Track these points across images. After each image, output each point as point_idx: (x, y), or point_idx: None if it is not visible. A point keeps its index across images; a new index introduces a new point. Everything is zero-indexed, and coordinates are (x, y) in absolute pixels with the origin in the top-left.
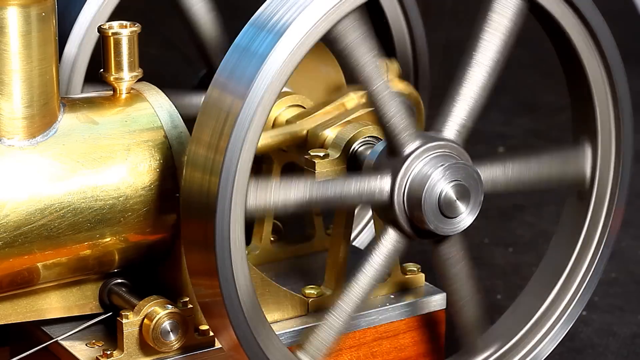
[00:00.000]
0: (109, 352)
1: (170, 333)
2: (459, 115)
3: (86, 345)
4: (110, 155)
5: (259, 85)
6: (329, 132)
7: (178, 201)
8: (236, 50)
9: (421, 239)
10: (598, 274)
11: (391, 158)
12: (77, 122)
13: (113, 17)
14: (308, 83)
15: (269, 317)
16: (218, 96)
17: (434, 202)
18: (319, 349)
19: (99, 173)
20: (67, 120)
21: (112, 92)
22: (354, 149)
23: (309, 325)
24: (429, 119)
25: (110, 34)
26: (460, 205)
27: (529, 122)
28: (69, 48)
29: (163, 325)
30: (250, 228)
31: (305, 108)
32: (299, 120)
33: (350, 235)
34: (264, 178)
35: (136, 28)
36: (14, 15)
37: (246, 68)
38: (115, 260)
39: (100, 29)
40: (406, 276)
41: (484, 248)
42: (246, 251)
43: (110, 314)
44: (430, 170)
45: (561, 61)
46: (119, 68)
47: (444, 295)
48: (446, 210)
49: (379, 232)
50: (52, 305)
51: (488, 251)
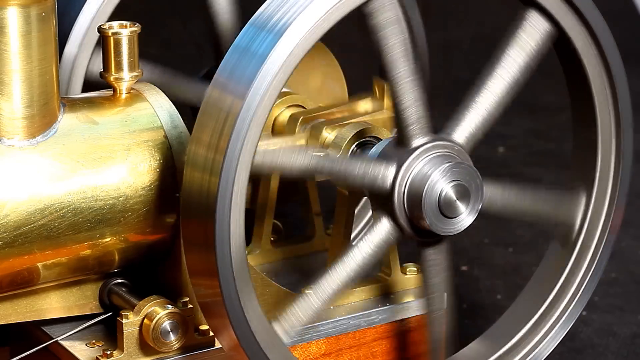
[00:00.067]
0: (109, 352)
1: (170, 333)
2: (471, 123)
3: (86, 345)
4: (110, 155)
5: (259, 85)
6: (329, 132)
7: (178, 201)
8: (236, 51)
9: (415, 236)
10: (598, 274)
11: (399, 148)
12: (77, 122)
13: (113, 17)
14: (308, 83)
15: (269, 317)
16: (218, 96)
17: (434, 200)
18: (293, 325)
19: (99, 173)
20: (67, 120)
21: (112, 92)
22: (354, 149)
23: (309, 325)
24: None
25: (110, 34)
26: (460, 206)
27: (529, 122)
28: (69, 48)
29: (163, 325)
30: (250, 228)
31: (305, 108)
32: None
33: (350, 235)
34: (274, 139)
35: (136, 28)
36: (14, 15)
37: (246, 68)
38: (115, 260)
39: (100, 29)
40: (406, 276)
41: (484, 248)
42: (246, 251)
43: (110, 314)
44: (421, 180)
45: (561, 61)
46: (119, 68)
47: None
48: (449, 211)
49: (372, 221)
50: (52, 305)
51: (488, 251)
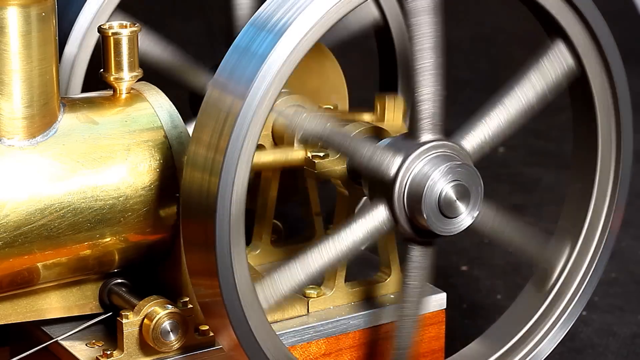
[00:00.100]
0: (109, 352)
1: (170, 333)
2: (481, 133)
3: (86, 345)
4: (110, 155)
5: (259, 85)
6: None
7: (178, 201)
8: (236, 50)
9: (408, 231)
10: (598, 274)
11: (408, 141)
12: (77, 122)
13: (113, 17)
14: (308, 83)
15: (269, 317)
16: (218, 96)
17: (434, 208)
18: (272, 294)
19: (99, 173)
20: (67, 120)
21: (112, 92)
22: None
23: (309, 325)
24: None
25: (110, 34)
26: (461, 205)
27: (529, 122)
28: (69, 48)
29: (163, 325)
30: (250, 228)
31: (304, 108)
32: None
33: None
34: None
35: (136, 28)
36: (14, 15)
37: (246, 68)
38: (115, 260)
39: (100, 29)
40: None
41: (484, 248)
42: (246, 251)
43: (110, 314)
44: (424, 176)
45: None
46: (119, 68)
47: (444, 295)
48: (448, 211)
49: (369, 207)
50: (52, 305)
51: (488, 251)
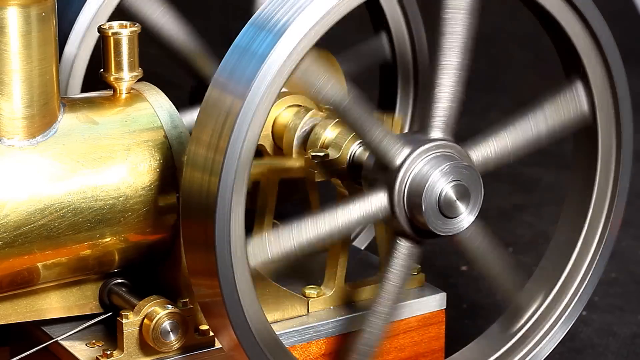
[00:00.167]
0: (109, 352)
1: (170, 333)
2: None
3: (86, 345)
4: (110, 155)
5: (259, 85)
6: (329, 132)
7: (178, 201)
8: (236, 50)
9: (401, 223)
10: (598, 274)
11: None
12: (77, 122)
13: (113, 17)
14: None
15: (269, 317)
16: (218, 96)
17: (434, 207)
18: (261, 253)
19: (99, 173)
20: (67, 120)
21: (112, 92)
22: (354, 149)
23: (309, 325)
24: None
25: (110, 34)
26: (461, 205)
27: None
28: (68, 48)
29: (163, 325)
30: (250, 228)
31: (305, 108)
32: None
33: (350, 235)
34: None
35: (136, 28)
36: (14, 15)
37: (246, 68)
38: (115, 260)
39: (100, 29)
40: None
41: None
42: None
43: (110, 314)
44: (425, 175)
45: (561, 61)
46: (119, 68)
47: (444, 295)
48: (447, 211)
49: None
50: (52, 305)
51: None
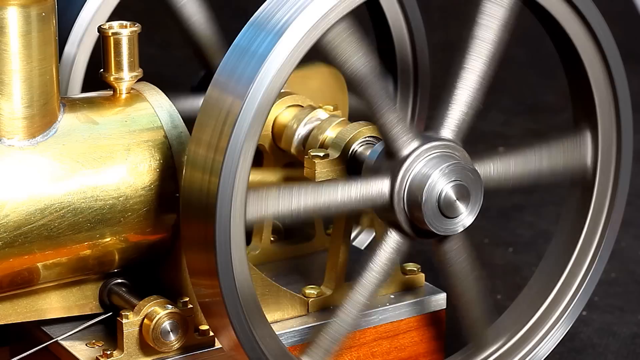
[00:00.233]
0: (109, 352)
1: (170, 333)
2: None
3: (86, 345)
4: (110, 155)
5: (259, 85)
6: (329, 132)
7: (178, 201)
8: (236, 50)
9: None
10: (598, 274)
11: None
12: (77, 122)
13: (113, 17)
14: (308, 83)
15: (269, 317)
16: (218, 96)
17: (433, 203)
18: (257, 209)
19: (99, 173)
20: (67, 120)
21: (112, 92)
22: (354, 149)
23: (309, 325)
24: (428, 119)
25: (110, 34)
26: (460, 206)
27: (529, 122)
28: (68, 48)
29: (163, 325)
30: (250, 228)
31: (305, 108)
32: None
33: (350, 235)
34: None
35: (136, 28)
36: (14, 15)
37: (246, 68)
38: (115, 260)
39: (100, 29)
40: (406, 276)
41: (484, 248)
42: (246, 251)
43: (110, 314)
44: (429, 171)
45: (561, 61)
46: (119, 68)
47: (444, 295)
48: (446, 210)
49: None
50: (52, 305)
51: (488, 251)
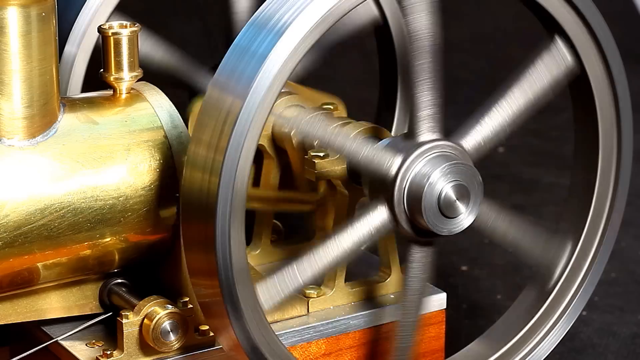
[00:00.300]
0: (109, 352)
1: (170, 333)
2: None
3: (86, 345)
4: (110, 155)
5: (259, 85)
6: None
7: (178, 201)
8: (236, 50)
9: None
10: (598, 274)
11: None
12: (77, 122)
13: (113, 17)
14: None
15: (269, 317)
16: (218, 96)
17: (434, 208)
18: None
19: (99, 173)
20: (67, 120)
21: (112, 92)
22: None
23: (309, 325)
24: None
25: (110, 34)
26: (461, 204)
27: (529, 122)
28: (68, 48)
29: (163, 325)
30: (250, 228)
31: (304, 108)
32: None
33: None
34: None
35: (136, 28)
36: (14, 15)
37: (246, 68)
38: (115, 260)
39: (100, 29)
40: None
41: (484, 248)
42: (246, 251)
43: (110, 314)
44: (422, 180)
45: None
46: (119, 68)
47: (444, 295)
48: (448, 211)
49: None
50: (52, 305)
51: (488, 251)
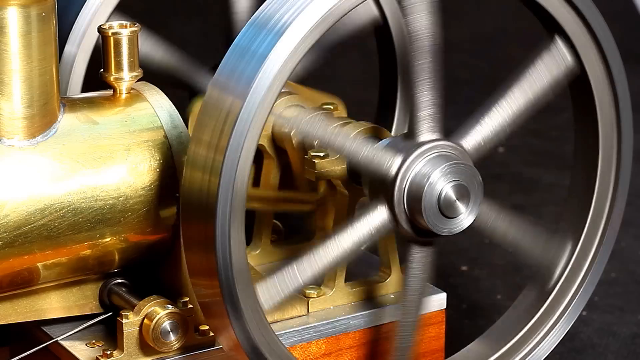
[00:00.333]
0: (109, 352)
1: (170, 333)
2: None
3: (86, 345)
4: (110, 155)
5: (259, 85)
6: None
7: (178, 201)
8: (236, 50)
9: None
10: (598, 274)
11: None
12: (77, 122)
13: (113, 17)
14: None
15: (269, 317)
16: (218, 96)
17: (434, 208)
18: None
19: (99, 173)
20: (67, 120)
21: (112, 92)
22: None
23: (309, 325)
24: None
25: (110, 34)
26: (461, 204)
27: (529, 122)
28: (68, 48)
29: (163, 325)
30: (250, 228)
31: (304, 108)
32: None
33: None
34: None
35: (136, 28)
36: (14, 15)
37: (246, 68)
38: (115, 260)
39: (100, 29)
40: None
41: (484, 248)
42: (246, 251)
43: (110, 314)
44: (422, 180)
45: None
46: (119, 68)
47: (444, 295)
48: (448, 211)
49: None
50: (52, 305)
51: (488, 251)
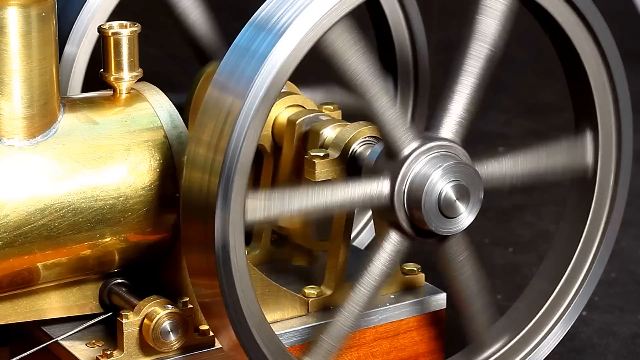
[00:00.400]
0: (109, 352)
1: (170, 333)
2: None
3: (86, 345)
4: (110, 155)
5: (259, 85)
6: (329, 132)
7: (178, 201)
8: (236, 50)
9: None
10: (598, 274)
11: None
12: (77, 122)
13: (113, 17)
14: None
15: (269, 317)
16: (218, 96)
17: (433, 203)
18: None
19: (99, 173)
20: (67, 120)
21: (112, 92)
22: (354, 149)
23: (309, 325)
24: (429, 118)
25: (110, 34)
26: (460, 206)
27: (529, 122)
28: (68, 48)
29: (163, 325)
30: (251, 228)
31: (305, 108)
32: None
33: (350, 235)
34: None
35: (136, 28)
36: (14, 15)
37: (246, 68)
38: (115, 260)
39: (100, 29)
40: (406, 276)
41: (484, 248)
42: (246, 251)
43: (110, 314)
44: (429, 170)
45: (561, 61)
46: (119, 68)
47: (444, 295)
48: (446, 210)
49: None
50: (52, 305)
51: (488, 251)
